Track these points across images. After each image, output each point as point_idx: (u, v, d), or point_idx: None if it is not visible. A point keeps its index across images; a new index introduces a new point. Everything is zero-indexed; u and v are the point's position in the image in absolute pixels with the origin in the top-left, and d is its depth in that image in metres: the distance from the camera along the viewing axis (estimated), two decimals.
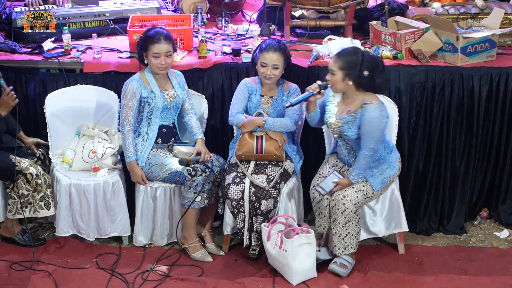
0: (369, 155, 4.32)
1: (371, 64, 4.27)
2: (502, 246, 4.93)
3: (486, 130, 4.97)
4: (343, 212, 4.36)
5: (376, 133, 4.28)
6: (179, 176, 4.54)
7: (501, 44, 5.10)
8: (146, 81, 4.56)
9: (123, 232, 4.76)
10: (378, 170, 4.42)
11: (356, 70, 4.25)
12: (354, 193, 4.38)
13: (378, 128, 4.28)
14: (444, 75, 4.86)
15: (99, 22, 5.43)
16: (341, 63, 4.28)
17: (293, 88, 4.68)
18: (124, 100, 4.56)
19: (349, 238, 4.42)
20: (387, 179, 4.45)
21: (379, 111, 4.28)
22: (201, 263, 4.63)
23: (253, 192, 4.46)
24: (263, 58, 4.53)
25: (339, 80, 4.30)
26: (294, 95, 4.61)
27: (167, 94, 4.59)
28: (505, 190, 5.13)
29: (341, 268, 4.45)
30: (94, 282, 4.41)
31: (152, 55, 4.51)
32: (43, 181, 4.60)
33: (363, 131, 4.29)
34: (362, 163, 4.34)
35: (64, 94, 4.85)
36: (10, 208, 4.63)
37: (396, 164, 4.49)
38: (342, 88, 4.34)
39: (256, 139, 4.55)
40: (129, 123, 4.54)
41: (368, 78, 4.26)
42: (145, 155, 4.57)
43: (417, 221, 5.07)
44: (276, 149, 4.54)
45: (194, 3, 5.69)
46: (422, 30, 4.97)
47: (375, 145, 4.31)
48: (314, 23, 5.43)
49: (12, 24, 5.23)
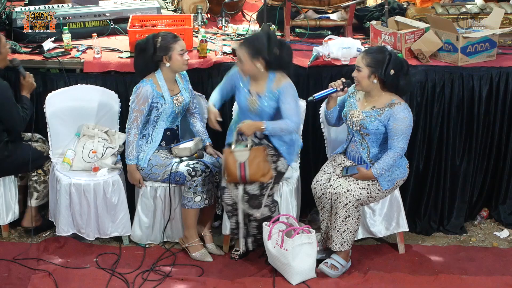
0: (398, 154, 4.34)
1: (397, 64, 4.30)
2: (502, 246, 4.93)
3: (486, 130, 4.97)
4: (344, 206, 4.36)
5: (408, 132, 4.32)
6: (179, 177, 4.54)
7: (501, 44, 5.10)
8: (158, 86, 4.54)
9: (124, 232, 4.76)
10: (390, 171, 4.44)
11: (382, 68, 4.27)
12: (358, 189, 4.38)
13: (409, 127, 4.33)
14: (444, 75, 4.86)
15: (99, 22, 5.43)
16: (369, 60, 4.30)
17: (282, 86, 4.37)
18: (135, 104, 4.50)
19: (347, 234, 4.42)
20: (395, 181, 4.45)
21: (408, 112, 4.34)
22: (201, 263, 4.63)
23: (246, 199, 4.44)
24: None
25: (365, 76, 4.31)
26: (285, 96, 4.37)
27: (176, 100, 4.59)
28: (505, 190, 5.13)
29: (330, 270, 4.45)
30: (94, 282, 4.41)
31: (178, 54, 4.51)
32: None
33: (396, 130, 4.30)
34: (389, 160, 4.35)
35: (64, 94, 4.86)
36: (38, 195, 4.79)
37: (406, 169, 4.52)
38: (367, 85, 4.34)
39: (239, 167, 4.34)
40: (137, 127, 4.52)
41: (393, 77, 4.29)
42: (147, 157, 4.57)
43: (417, 221, 5.07)
44: (262, 176, 4.37)
45: (194, 3, 5.70)
46: (422, 30, 4.98)
47: (405, 145, 4.35)
48: (314, 23, 5.43)
49: (12, 24, 5.23)
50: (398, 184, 4.51)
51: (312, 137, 4.99)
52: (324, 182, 4.49)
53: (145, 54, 4.52)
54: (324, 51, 4.94)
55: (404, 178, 4.54)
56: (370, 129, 4.36)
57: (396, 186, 4.51)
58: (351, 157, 4.54)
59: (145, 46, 4.53)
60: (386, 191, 4.47)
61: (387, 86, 4.34)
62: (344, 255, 4.49)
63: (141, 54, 4.55)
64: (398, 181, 4.48)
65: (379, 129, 4.35)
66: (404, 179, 4.54)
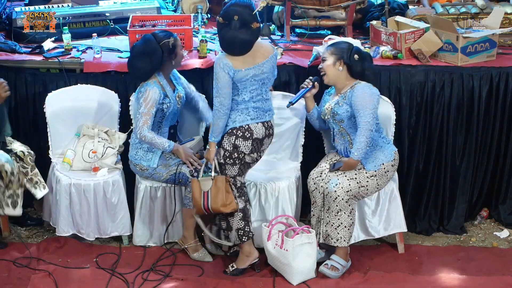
0: (366, 129, 4.32)
1: (361, 52, 4.48)
2: (502, 246, 4.93)
3: (486, 130, 4.97)
4: (335, 200, 4.38)
5: (369, 106, 4.33)
6: (181, 178, 4.54)
7: (501, 44, 5.10)
8: (162, 86, 4.51)
9: (124, 232, 4.76)
10: (372, 154, 4.45)
11: (347, 54, 4.42)
12: (347, 181, 4.40)
13: (370, 102, 4.34)
14: (444, 75, 4.86)
15: (99, 22, 5.43)
16: (333, 49, 4.48)
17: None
18: (143, 107, 4.41)
19: (342, 229, 4.41)
20: (380, 163, 4.44)
21: (369, 88, 4.40)
22: (201, 263, 4.63)
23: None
24: None
25: (331, 65, 4.43)
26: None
27: (177, 96, 4.59)
28: (505, 190, 5.13)
29: (331, 271, 4.45)
30: (94, 282, 4.41)
31: (180, 48, 4.53)
32: (16, 180, 4.59)
33: (357, 107, 4.34)
34: (360, 138, 4.34)
35: (64, 94, 4.85)
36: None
37: (392, 154, 4.49)
38: (333, 74, 4.44)
39: (203, 197, 4.32)
40: (148, 127, 4.43)
41: (358, 62, 4.41)
42: (157, 157, 4.55)
43: (417, 221, 5.07)
44: (223, 206, 4.30)
45: (194, 3, 5.70)
46: (422, 30, 4.98)
47: (372, 119, 4.32)
48: (314, 23, 5.43)
49: (12, 24, 5.24)
50: (386, 169, 4.46)
51: (313, 136, 4.98)
52: (316, 176, 4.54)
53: (153, 58, 4.42)
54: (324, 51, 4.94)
55: (392, 164, 4.48)
56: (341, 113, 4.42)
57: (385, 172, 4.46)
58: (340, 151, 4.59)
59: (150, 50, 4.43)
60: (376, 179, 4.44)
61: (353, 73, 4.43)
62: (343, 254, 4.49)
63: (146, 58, 4.43)
64: (385, 164, 4.45)
65: (349, 111, 4.40)
66: (392, 164, 4.48)
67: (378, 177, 4.46)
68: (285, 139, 4.88)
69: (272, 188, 4.64)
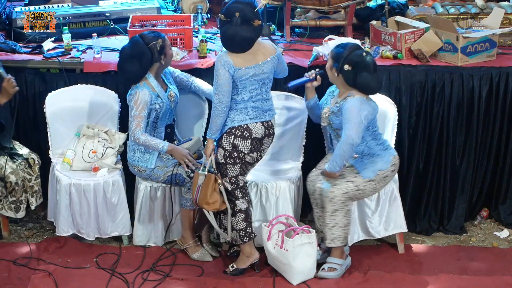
0: (346, 143, 4.24)
1: (357, 62, 4.28)
2: (502, 246, 4.93)
3: (486, 130, 4.97)
4: (331, 200, 4.37)
5: (355, 120, 4.23)
6: (178, 179, 4.54)
7: (501, 44, 5.10)
8: (152, 87, 4.50)
9: (124, 232, 4.76)
10: (369, 161, 4.43)
11: (340, 63, 4.30)
12: (344, 183, 4.39)
13: (356, 116, 4.24)
14: (444, 75, 4.86)
15: (99, 22, 5.43)
16: (333, 52, 4.39)
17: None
18: (135, 110, 4.43)
19: (337, 229, 4.40)
20: (377, 170, 4.41)
21: (359, 103, 4.28)
22: (201, 263, 4.63)
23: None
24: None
25: (329, 67, 4.40)
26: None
27: (169, 95, 4.58)
28: (505, 190, 5.13)
29: (330, 273, 4.45)
30: (94, 282, 4.41)
31: (169, 48, 4.53)
32: (20, 188, 4.65)
33: (343, 120, 4.29)
34: (337, 150, 4.31)
35: (64, 94, 4.85)
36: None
37: (390, 160, 4.45)
38: (331, 77, 4.42)
39: (196, 190, 4.36)
40: (141, 129, 4.43)
41: (349, 73, 4.29)
42: (154, 157, 4.55)
43: (417, 221, 5.07)
44: (206, 204, 4.33)
45: (194, 3, 5.69)
46: (422, 30, 4.98)
47: (354, 134, 4.23)
48: (314, 23, 5.43)
49: (12, 24, 5.23)
50: (385, 175, 4.43)
51: (313, 136, 4.98)
52: (314, 177, 4.54)
53: (142, 60, 4.43)
54: (324, 51, 4.94)
55: (390, 170, 4.45)
56: (337, 124, 4.39)
57: (383, 178, 4.45)
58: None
59: (139, 52, 4.43)
60: (374, 184, 4.42)
61: (346, 81, 4.35)
62: (337, 254, 4.48)
63: (135, 61, 4.44)
64: (382, 171, 4.42)
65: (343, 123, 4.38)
66: (391, 170, 4.46)
67: (376, 182, 4.45)
68: (287, 139, 4.88)
69: (272, 188, 4.64)
